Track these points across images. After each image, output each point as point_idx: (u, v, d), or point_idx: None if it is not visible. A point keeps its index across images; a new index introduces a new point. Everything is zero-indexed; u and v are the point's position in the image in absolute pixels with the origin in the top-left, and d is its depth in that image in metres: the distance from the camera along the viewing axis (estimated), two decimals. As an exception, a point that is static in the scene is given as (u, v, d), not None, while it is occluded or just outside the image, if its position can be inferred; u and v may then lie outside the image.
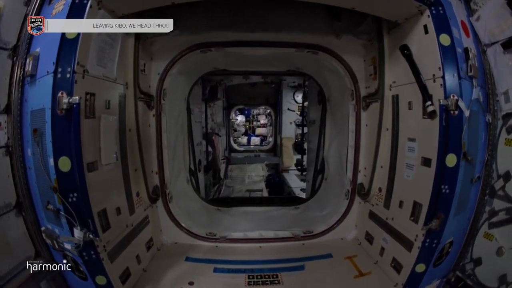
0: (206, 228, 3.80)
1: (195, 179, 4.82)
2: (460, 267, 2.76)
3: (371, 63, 3.36)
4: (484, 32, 2.55)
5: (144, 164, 3.11)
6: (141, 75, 3.12)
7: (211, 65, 4.23)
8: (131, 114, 2.92)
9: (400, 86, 2.89)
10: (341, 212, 3.80)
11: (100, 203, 2.37)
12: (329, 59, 3.50)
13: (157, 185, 3.52)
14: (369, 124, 3.49)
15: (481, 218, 2.65)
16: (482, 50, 2.59)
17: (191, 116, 4.63)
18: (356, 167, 3.60)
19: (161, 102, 3.40)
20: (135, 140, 2.99)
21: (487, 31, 2.52)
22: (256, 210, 4.47)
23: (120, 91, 2.78)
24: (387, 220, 3.00)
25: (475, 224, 2.67)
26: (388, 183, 3.04)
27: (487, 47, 2.56)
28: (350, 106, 3.59)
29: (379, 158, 3.18)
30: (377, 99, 3.20)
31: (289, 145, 10.92)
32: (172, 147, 3.78)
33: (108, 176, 2.54)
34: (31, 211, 2.47)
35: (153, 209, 3.47)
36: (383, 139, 3.13)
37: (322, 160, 4.62)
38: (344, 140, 3.80)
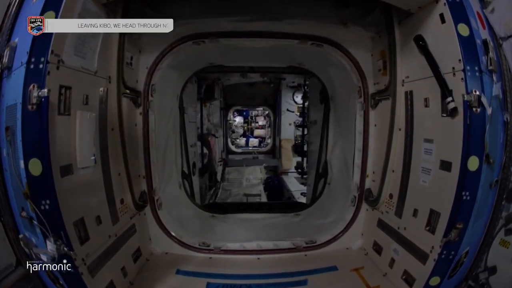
0: (199, 237, 3.52)
1: (188, 183, 4.54)
2: (473, 276, 2.58)
3: (380, 57, 3.13)
4: (499, 25, 2.39)
5: (128, 167, 2.83)
6: (127, 69, 2.85)
7: (206, 60, 3.95)
8: (114, 111, 2.65)
9: (415, 81, 2.67)
10: (346, 220, 3.55)
11: (76, 211, 2.15)
12: (334, 53, 3.24)
13: (145, 190, 3.24)
14: (378, 124, 3.24)
15: (497, 225, 2.46)
16: (497, 44, 2.40)
17: (184, 115, 4.35)
18: (364, 171, 3.35)
19: (148, 99, 3.10)
20: (118, 140, 2.71)
21: (503, 24, 2.37)
22: (254, 217, 4.19)
23: (102, 85, 2.51)
24: (399, 229, 2.80)
25: (490, 231, 2.47)
26: (401, 189, 2.83)
27: (503, 41, 2.39)
28: (357, 104, 3.34)
29: (390, 162, 2.95)
30: (388, 96, 2.96)
31: (288, 147, 10.84)
32: (162, 148, 3.50)
33: (85, 181, 2.29)
34: (10, 217, 2.25)
35: (140, 216, 3.20)
36: (395, 141, 2.90)
37: (324, 163, 4.36)
38: (350, 141, 3.55)
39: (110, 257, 2.53)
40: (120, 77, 2.69)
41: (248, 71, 4.59)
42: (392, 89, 2.89)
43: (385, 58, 3.04)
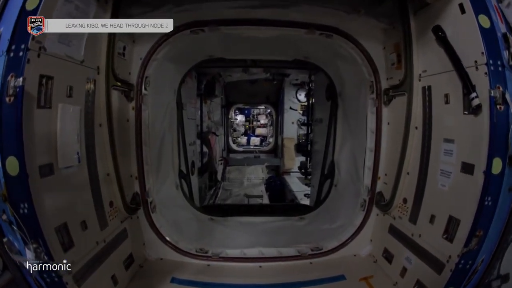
0: (197, 242, 3.31)
1: (187, 183, 4.34)
2: (486, 284, 2.42)
3: (393, 50, 2.93)
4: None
5: (118, 167, 2.62)
6: (119, 60, 2.64)
7: (205, 52, 3.71)
8: (102, 105, 2.44)
9: (433, 75, 2.49)
10: (355, 225, 3.34)
11: (58, 216, 1.98)
12: (344, 45, 3.01)
13: (137, 192, 3.03)
14: (391, 122, 3.03)
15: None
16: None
17: (182, 112, 4.14)
18: (375, 173, 3.13)
19: (142, 92, 2.87)
20: (106, 137, 2.50)
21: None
22: (256, 220, 3.97)
23: (89, 76, 2.31)
24: (413, 236, 2.63)
25: (505, 237, 2.29)
26: (416, 193, 2.64)
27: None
28: (369, 100, 3.11)
29: (405, 163, 2.75)
30: (404, 92, 2.75)
31: (290, 146, 10.74)
32: (157, 146, 3.30)
33: (68, 183, 2.10)
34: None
35: (132, 220, 2.99)
36: (411, 140, 2.70)
37: (331, 163, 4.15)
38: (360, 141, 3.33)
39: (98, 265, 2.36)
40: (110, 67, 2.48)
41: (250, 66, 4.35)
42: (408, 84, 2.69)
43: (399, 51, 2.84)
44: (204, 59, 3.87)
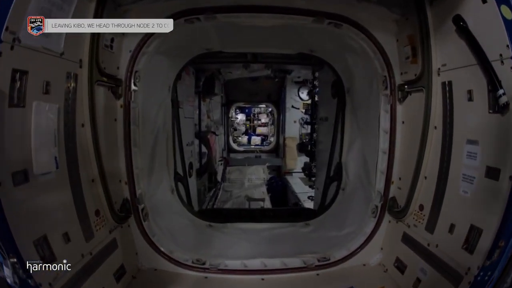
0: (194, 252, 3.09)
1: (184, 186, 4.13)
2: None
3: (408, 42, 2.70)
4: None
5: (104, 172, 2.41)
6: (105, 53, 2.42)
7: (202, 45, 3.48)
8: (85, 102, 2.23)
9: (454, 70, 2.30)
10: (366, 233, 3.13)
11: (37, 228, 1.82)
12: (355, 36, 2.78)
13: (128, 198, 2.81)
14: (407, 120, 2.81)
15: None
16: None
17: (179, 110, 3.93)
18: (389, 177, 2.92)
19: (131, 88, 2.64)
20: (90, 139, 2.30)
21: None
22: (257, 227, 3.74)
23: (69, 70, 2.09)
24: (429, 246, 2.45)
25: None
26: (435, 199, 2.46)
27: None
28: (382, 97, 2.90)
29: (423, 167, 2.56)
30: (421, 87, 2.54)
31: (292, 146, 10.60)
32: (149, 148, 3.08)
33: (46, 191, 1.90)
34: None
35: (123, 229, 2.79)
36: (429, 141, 2.50)
37: (337, 165, 3.94)
38: (372, 141, 3.11)
39: (85, 279, 2.19)
40: (94, 60, 2.26)
41: (251, 61, 4.12)
42: (426, 79, 2.48)
43: (413, 44, 2.63)
44: (201, 52, 3.63)
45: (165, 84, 3.51)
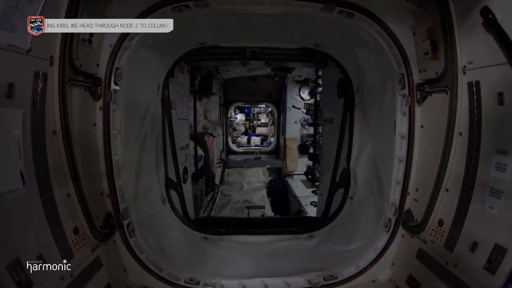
0: (187, 269, 2.80)
1: (178, 194, 3.82)
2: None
3: (427, 36, 2.41)
4: None
5: (81, 185, 2.12)
6: (82, 48, 2.12)
7: (195, 39, 3.15)
8: (56, 106, 1.93)
9: (482, 68, 2.03)
10: (377, 248, 2.84)
11: (8, 252, 1.66)
12: (368, 27, 2.47)
13: (111, 213, 2.52)
14: (426, 125, 2.51)
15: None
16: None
17: (171, 111, 3.61)
18: (405, 188, 2.62)
19: (110, 88, 2.33)
20: (62, 148, 2.00)
21: None
22: (258, 240, 3.42)
23: (38, 69, 1.80)
24: (447, 265, 2.24)
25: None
26: (457, 215, 2.20)
27: None
28: (398, 98, 2.59)
29: (445, 178, 2.28)
30: (445, 88, 2.24)
31: (293, 147, 10.37)
32: (135, 155, 2.77)
33: (14, 210, 1.67)
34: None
35: (108, 246, 2.49)
36: (453, 149, 2.23)
37: (344, 171, 3.64)
38: (386, 147, 2.81)
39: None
40: (67, 57, 1.96)
41: (249, 58, 3.80)
42: (449, 78, 2.19)
43: (433, 38, 2.35)
44: (194, 47, 3.29)
45: (154, 83, 3.18)
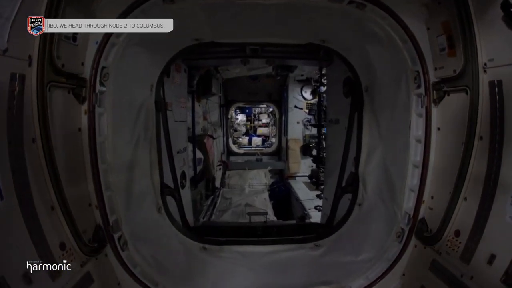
0: (184, 283, 2.65)
1: (176, 200, 3.64)
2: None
3: (442, 31, 2.23)
4: None
5: (65, 196, 1.94)
6: (66, 45, 1.94)
7: (190, 34, 2.95)
8: (35, 111, 1.77)
9: (504, 67, 1.88)
10: (389, 260, 2.66)
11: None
12: (380, 20, 2.27)
13: (100, 225, 2.34)
14: (443, 127, 2.33)
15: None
16: None
17: (166, 113, 3.42)
18: (420, 196, 2.44)
19: (95, 89, 2.14)
20: (42, 157, 1.83)
21: None
22: (260, 250, 3.21)
23: (15, 70, 1.63)
24: (463, 278, 2.13)
25: None
26: (475, 225, 2.06)
27: None
28: (413, 97, 2.40)
29: (464, 185, 2.11)
30: (464, 87, 2.06)
31: (296, 148, 10.15)
32: (126, 162, 2.59)
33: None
34: None
35: (99, 260, 2.32)
36: (473, 154, 2.06)
37: (352, 175, 3.44)
38: (398, 151, 2.63)
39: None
40: (47, 56, 1.79)
41: (250, 56, 3.60)
42: (470, 76, 2.01)
43: (450, 33, 2.17)
44: (190, 44, 3.08)
45: (146, 83, 2.99)
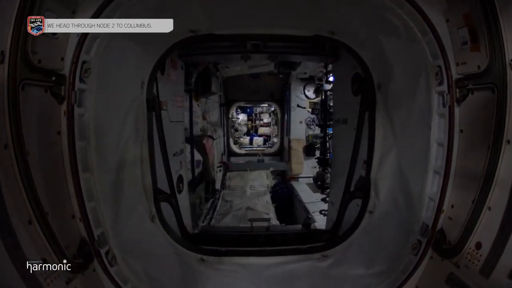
0: (179, 300, 2.44)
1: (172, 206, 3.43)
2: None
3: (463, 23, 2.05)
4: None
5: (43, 209, 1.74)
6: (44, 39, 1.75)
7: (185, 25, 2.72)
8: (6, 114, 1.58)
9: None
10: (403, 273, 2.48)
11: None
12: (398, 8, 2.06)
13: (85, 239, 2.14)
14: (466, 129, 2.13)
15: None
16: None
17: (161, 112, 3.21)
18: (440, 205, 2.24)
19: (74, 87, 1.92)
20: (15, 165, 1.64)
21: None
22: (262, 262, 3.00)
23: None
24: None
25: None
26: (498, 237, 1.93)
27: None
28: (434, 96, 2.19)
29: (489, 194, 1.95)
30: (491, 85, 1.88)
31: (299, 149, 9.95)
32: (113, 168, 2.37)
33: None
34: None
35: (86, 276, 2.12)
36: (500, 160, 1.89)
37: (362, 180, 3.23)
38: (415, 155, 2.42)
39: None
40: (20, 51, 1.59)
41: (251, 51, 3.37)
42: (497, 73, 1.83)
43: (472, 26, 2.00)
44: (185, 37, 2.85)
45: (136, 81, 2.75)
